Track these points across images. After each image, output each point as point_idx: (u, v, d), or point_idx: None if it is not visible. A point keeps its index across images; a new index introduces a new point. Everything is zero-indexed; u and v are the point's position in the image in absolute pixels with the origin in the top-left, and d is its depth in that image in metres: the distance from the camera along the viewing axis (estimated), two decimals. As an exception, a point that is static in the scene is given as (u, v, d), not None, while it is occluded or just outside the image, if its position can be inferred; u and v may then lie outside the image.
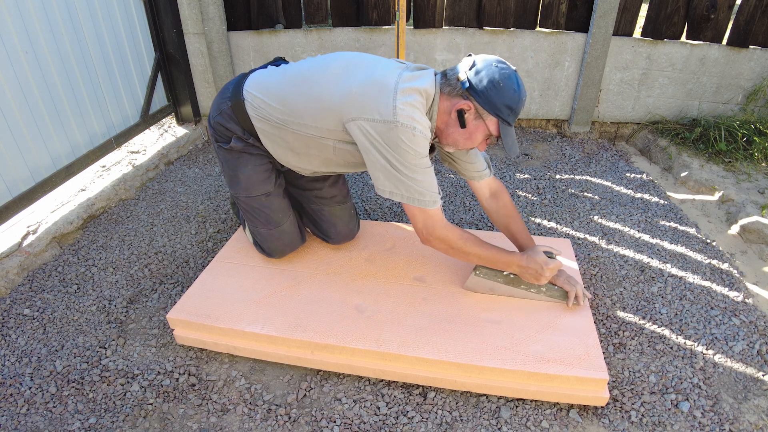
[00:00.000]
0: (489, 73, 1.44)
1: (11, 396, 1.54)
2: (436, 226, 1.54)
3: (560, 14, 3.05)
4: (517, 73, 1.48)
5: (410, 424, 1.45)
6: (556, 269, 1.60)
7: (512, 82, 1.44)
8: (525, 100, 1.49)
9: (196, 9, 3.01)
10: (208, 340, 1.66)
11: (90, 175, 2.67)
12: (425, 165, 1.49)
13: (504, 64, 1.47)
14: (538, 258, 1.59)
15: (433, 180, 1.52)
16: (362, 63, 1.56)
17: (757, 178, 2.66)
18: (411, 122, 1.42)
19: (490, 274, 1.70)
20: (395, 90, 1.44)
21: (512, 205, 1.81)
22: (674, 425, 1.44)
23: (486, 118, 1.48)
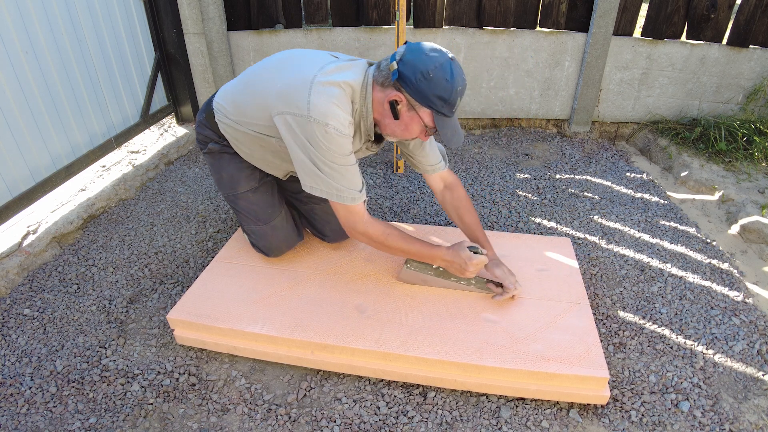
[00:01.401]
0: (418, 63, 1.37)
1: (11, 396, 1.54)
2: (357, 221, 1.56)
3: (560, 14, 3.05)
4: (454, 62, 1.39)
5: (410, 423, 1.45)
6: (481, 264, 1.62)
7: (444, 71, 1.36)
8: (462, 90, 1.41)
9: (196, 9, 3.01)
10: (208, 341, 1.66)
11: (90, 175, 2.67)
12: (342, 161, 1.47)
13: (437, 52, 1.39)
14: (462, 253, 1.61)
15: (352, 176, 1.51)
16: (295, 58, 1.57)
17: (757, 177, 2.66)
18: (323, 118, 1.40)
19: (420, 267, 1.75)
20: (311, 84, 1.44)
21: (466, 198, 1.81)
22: (674, 425, 1.44)
23: (419, 109, 1.43)
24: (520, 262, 1.91)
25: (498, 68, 3.22)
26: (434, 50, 1.39)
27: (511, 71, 3.23)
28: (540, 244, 2.03)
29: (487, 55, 3.18)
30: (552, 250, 1.99)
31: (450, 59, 1.39)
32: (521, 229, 2.32)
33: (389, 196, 2.60)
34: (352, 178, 1.51)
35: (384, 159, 3.02)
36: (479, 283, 1.74)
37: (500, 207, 2.51)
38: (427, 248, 1.64)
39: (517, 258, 1.93)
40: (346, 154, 1.48)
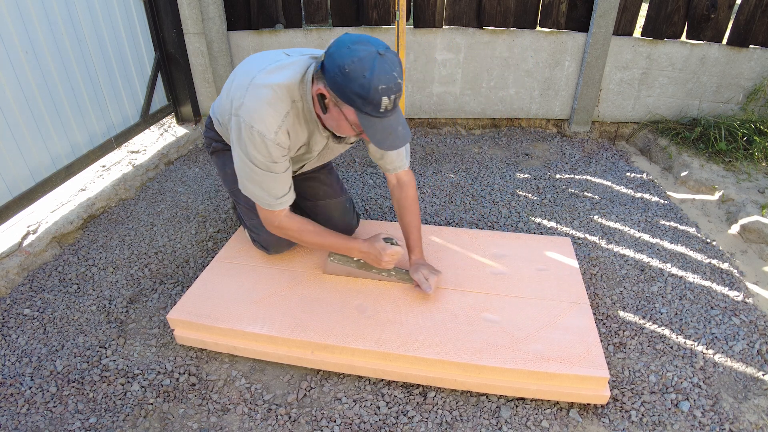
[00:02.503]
0: (337, 56, 1.28)
1: (11, 396, 1.54)
2: (273, 219, 1.62)
3: (560, 14, 3.05)
4: (383, 57, 1.26)
5: (410, 423, 1.45)
6: (396, 254, 1.67)
7: (363, 66, 1.24)
8: (388, 89, 1.26)
9: (196, 9, 3.01)
10: (208, 341, 1.66)
11: (90, 174, 2.67)
12: (264, 166, 1.47)
13: (363, 45, 1.27)
14: (376, 244, 1.66)
15: (273, 182, 1.52)
16: (253, 60, 1.58)
17: (757, 177, 2.66)
18: (250, 120, 1.42)
19: (343, 259, 1.80)
20: (248, 86, 1.45)
21: (413, 198, 1.78)
22: (674, 425, 1.44)
23: (341, 105, 1.35)
24: (520, 262, 1.91)
25: (498, 68, 3.22)
26: (361, 42, 1.28)
27: (511, 71, 3.23)
28: (540, 243, 2.03)
29: (487, 55, 3.18)
30: (552, 249, 1.99)
31: (376, 54, 1.26)
32: (521, 229, 2.32)
33: (389, 196, 2.60)
34: (272, 185, 1.52)
35: (384, 159, 3.02)
36: (399, 273, 1.79)
37: (500, 207, 2.51)
38: (343, 241, 1.69)
39: (517, 258, 1.93)
40: (272, 159, 1.47)
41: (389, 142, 1.35)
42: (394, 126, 1.34)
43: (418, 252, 1.79)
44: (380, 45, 1.29)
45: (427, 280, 1.70)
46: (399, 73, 1.29)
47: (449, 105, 3.36)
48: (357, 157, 3.04)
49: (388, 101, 1.28)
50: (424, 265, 1.75)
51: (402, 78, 1.32)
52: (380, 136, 1.34)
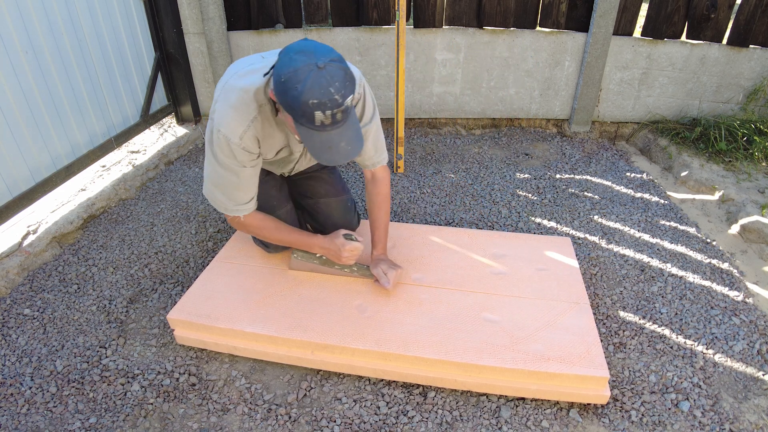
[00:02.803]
0: (280, 64, 1.25)
1: (11, 396, 1.54)
2: (234, 219, 1.65)
3: (560, 14, 3.05)
4: (320, 70, 1.20)
5: (410, 423, 1.45)
6: (355, 250, 1.71)
7: (297, 78, 1.20)
8: (320, 104, 1.20)
9: (196, 9, 3.01)
10: (208, 341, 1.66)
11: (90, 174, 2.67)
12: (226, 169, 1.47)
13: (303, 55, 1.22)
14: (336, 240, 1.70)
15: (236, 188, 1.52)
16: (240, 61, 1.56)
17: (757, 177, 2.66)
18: (218, 124, 1.43)
19: (306, 256, 1.83)
20: (221, 89, 1.47)
21: (384, 195, 1.78)
22: (674, 425, 1.44)
23: (282, 113, 1.35)
24: (520, 261, 1.91)
25: (498, 68, 3.22)
26: (304, 52, 1.23)
27: (511, 71, 3.23)
28: (540, 243, 2.03)
29: (487, 55, 3.18)
30: (552, 249, 1.99)
31: (314, 66, 1.20)
32: (521, 229, 2.32)
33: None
34: (234, 191, 1.53)
35: (384, 159, 3.02)
36: (361, 269, 1.82)
37: (500, 207, 2.51)
38: (304, 237, 1.73)
39: (517, 258, 1.93)
40: (238, 164, 1.47)
41: (327, 157, 1.31)
42: (335, 141, 1.29)
43: (380, 248, 1.81)
44: (324, 56, 1.22)
45: (385, 274, 1.73)
46: (339, 88, 1.21)
47: (449, 105, 3.36)
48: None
49: (323, 116, 1.22)
50: (384, 261, 1.78)
51: (347, 93, 1.24)
52: (317, 149, 1.30)
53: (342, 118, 1.26)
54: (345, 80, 1.23)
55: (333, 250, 1.72)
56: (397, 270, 1.75)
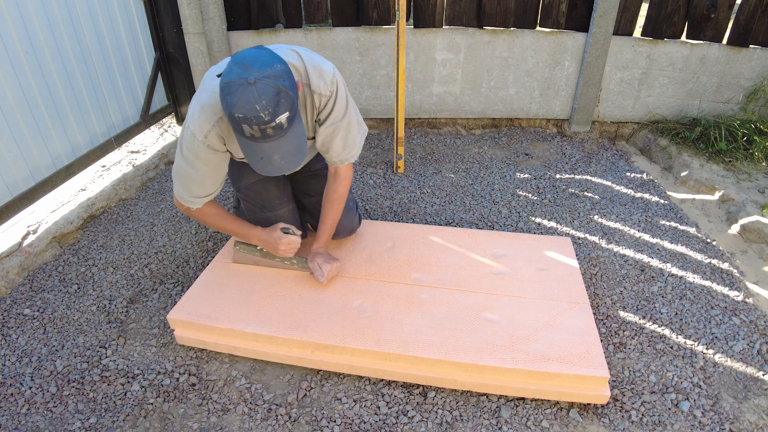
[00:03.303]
0: (224, 71, 1.27)
1: (12, 396, 1.54)
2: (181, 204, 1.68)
3: (560, 14, 3.05)
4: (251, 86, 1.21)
5: (410, 423, 1.45)
6: (291, 244, 1.75)
7: (228, 90, 1.23)
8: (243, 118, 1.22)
9: (196, 9, 3.00)
10: (208, 341, 1.66)
11: (90, 174, 2.67)
12: (190, 162, 1.52)
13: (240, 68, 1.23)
14: (273, 233, 1.75)
15: (193, 181, 1.57)
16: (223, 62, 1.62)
17: (757, 177, 2.66)
18: (188, 119, 1.49)
19: (248, 248, 1.87)
20: (199, 88, 1.53)
21: (339, 194, 1.77)
22: (674, 425, 1.44)
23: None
24: (520, 261, 1.91)
25: (498, 68, 3.22)
26: (243, 65, 1.24)
27: (511, 71, 3.23)
28: (540, 243, 2.03)
29: (487, 54, 3.18)
30: (552, 249, 1.99)
31: (245, 81, 1.21)
32: (521, 229, 2.32)
33: (389, 196, 2.60)
34: (191, 183, 1.57)
35: (384, 159, 3.02)
36: (300, 262, 1.86)
37: (500, 207, 2.51)
38: (244, 228, 1.77)
39: (517, 258, 1.93)
40: (198, 159, 1.50)
41: (260, 166, 1.35)
42: (267, 153, 1.31)
43: (321, 242, 1.83)
44: (260, 71, 1.23)
45: (320, 268, 1.76)
46: (266, 106, 1.22)
47: (449, 105, 3.36)
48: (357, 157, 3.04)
49: (251, 129, 1.25)
50: (321, 254, 1.80)
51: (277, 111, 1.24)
52: (250, 157, 1.34)
53: (274, 133, 1.27)
54: (276, 98, 1.23)
55: (270, 243, 1.76)
56: (332, 264, 1.78)
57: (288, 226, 1.79)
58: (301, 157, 1.37)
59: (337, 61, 3.20)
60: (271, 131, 1.26)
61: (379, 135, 3.36)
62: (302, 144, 1.36)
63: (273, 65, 1.25)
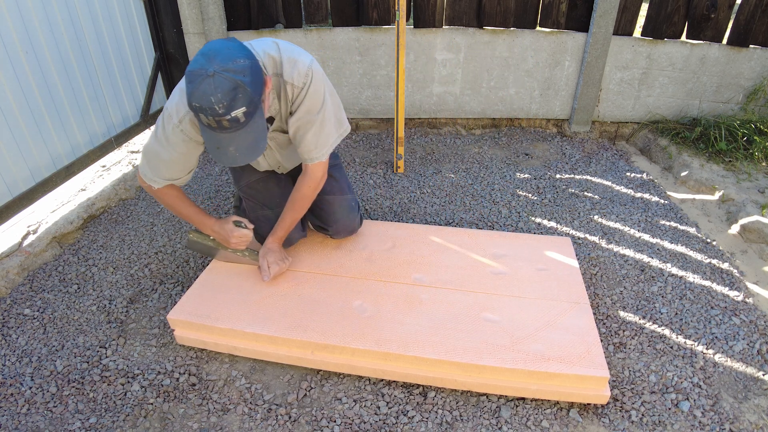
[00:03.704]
0: (191, 62, 1.30)
1: (12, 396, 1.54)
2: (144, 182, 1.69)
3: (560, 14, 3.05)
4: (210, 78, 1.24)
5: (410, 423, 1.45)
6: (243, 237, 1.78)
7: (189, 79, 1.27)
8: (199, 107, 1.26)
9: (196, 8, 3.00)
10: (208, 341, 1.66)
11: (90, 174, 2.67)
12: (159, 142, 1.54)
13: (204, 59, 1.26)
14: (226, 226, 1.77)
15: (159, 161, 1.58)
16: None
17: (757, 177, 2.66)
18: (169, 102, 1.53)
19: (201, 236, 1.88)
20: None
21: (302, 194, 1.74)
22: (674, 425, 1.44)
23: None
24: (520, 262, 1.91)
25: (498, 68, 3.22)
26: (207, 56, 1.27)
27: (511, 71, 3.23)
28: (540, 243, 2.03)
29: (487, 54, 3.18)
30: (552, 249, 1.99)
31: (205, 73, 1.24)
32: (521, 229, 2.32)
33: (389, 196, 2.60)
34: (157, 162, 1.59)
35: (384, 159, 3.02)
36: (252, 254, 1.88)
37: (500, 207, 2.51)
38: (199, 215, 1.78)
39: (517, 258, 1.93)
40: (167, 141, 1.53)
41: (215, 155, 1.38)
42: (223, 144, 1.35)
43: (274, 238, 1.83)
44: (221, 64, 1.25)
45: (269, 268, 1.77)
46: (221, 99, 1.24)
47: (449, 105, 3.36)
48: (357, 157, 3.04)
49: (206, 119, 1.29)
50: (274, 252, 1.81)
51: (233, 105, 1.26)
52: (208, 144, 1.38)
53: (230, 126, 1.30)
54: (232, 92, 1.25)
55: (222, 235, 1.78)
56: (280, 265, 1.80)
57: (241, 220, 1.80)
58: (258, 152, 1.40)
59: (337, 61, 3.20)
60: (226, 123, 1.29)
61: (379, 135, 3.36)
62: (260, 139, 1.39)
63: (236, 59, 1.27)
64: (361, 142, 3.25)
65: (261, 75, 1.34)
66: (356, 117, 3.42)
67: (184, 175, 1.65)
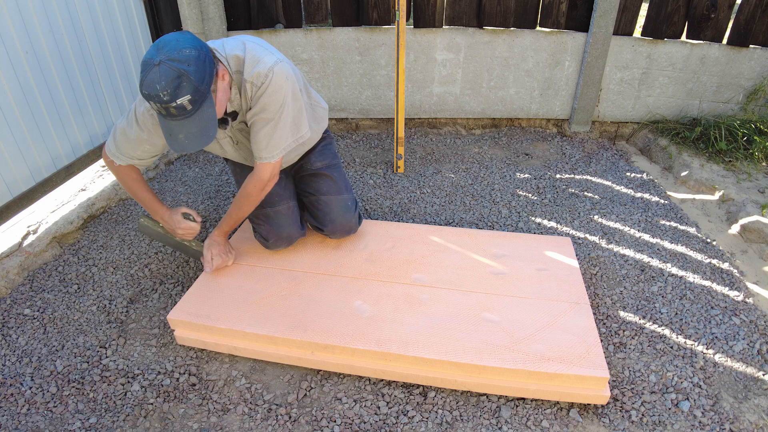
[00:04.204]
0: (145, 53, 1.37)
1: (12, 396, 1.54)
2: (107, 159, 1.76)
3: (560, 14, 3.05)
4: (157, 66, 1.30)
5: (410, 423, 1.45)
6: (189, 229, 1.84)
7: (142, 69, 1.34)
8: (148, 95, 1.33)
9: (196, 9, 3.00)
10: (208, 341, 1.66)
11: (90, 174, 2.67)
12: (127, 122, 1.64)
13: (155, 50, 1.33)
14: (175, 217, 1.83)
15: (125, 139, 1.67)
16: None
17: (757, 177, 2.66)
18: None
19: (151, 222, 1.93)
20: None
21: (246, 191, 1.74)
22: (674, 425, 1.44)
23: None
24: (520, 262, 1.91)
25: (498, 68, 3.22)
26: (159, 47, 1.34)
27: (511, 71, 3.23)
28: (540, 243, 2.03)
29: (487, 54, 3.18)
30: (552, 249, 1.99)
31: (153, 63, 1.31)
32: (521, 229, 2.32)
33: (389, 196, 2.60)
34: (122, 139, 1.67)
35: (384, 159, 3.02)
36: (198, 245, 1.94)
37: (500, 207, 2.51)
38: (152, 203, 1.83)
39: (517, 258, 1.93)
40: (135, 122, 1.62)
41: (169, 142, 1.44)
42: (174, 131, 1.41)
43: (219, 231, 1.88)
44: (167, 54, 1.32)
45: (212, 259, 1.84)
46: (165, 87, 1.30)
47: (449, 105, 3.36)
48: (357, 157, 3.04)
49: (156, 106, 1.36)
50: (217, 244, 1.87)
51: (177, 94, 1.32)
52: (163, 131, 1.45)
53: (177, 113, 1.37)
54: (176, 81, 1.32)
55: (170, 225, 1.84)
56: (225, 257, 1.86)
57: (189, 212, 1.85)
58: (207, 140, 1.43)
59: (337, 61, 3.20)
60: (174, 111, 1.36)
61: (379, 135, 3.36)
62: (209, 128, 1.43)
63: (182, 50, 1.34)
64: (361, 142, 3.25)
65: (209, 66, 1.39)
66: (356, 117, 3.42)
67: (146, 157, 1.73)
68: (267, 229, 1.89)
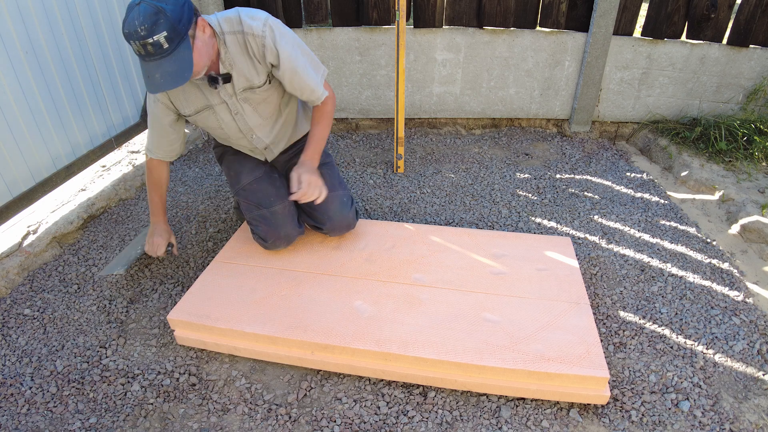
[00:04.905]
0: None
1: (12, 396, 1.54)
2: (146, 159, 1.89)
3: (560, 13, 3.05)
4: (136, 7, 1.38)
5: (410, 423, 1.45)
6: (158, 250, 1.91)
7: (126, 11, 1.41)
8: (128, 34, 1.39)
9: (196, 9, 3.00)
10: (208, 341, 1.66)
11: (90, 175, 2.67)
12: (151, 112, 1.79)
13: None
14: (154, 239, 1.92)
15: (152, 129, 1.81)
16: None
17: (757, 177, 2.66)
18: None
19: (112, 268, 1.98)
20: None
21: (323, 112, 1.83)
22: (674, 425, 1.44)
23: None
24: (520, 261, 1.91)
25: (498, 68, 3.22)
26: None
27: (511, 71, 3.23)
28: (540, 243, 2.03)
29: (487, 54, 3.18)
30: (552, 249, 1.99)
31: (134, 4, 1.39)
32: (521, 229, 2.32)
33: (389, 196, 2.61)
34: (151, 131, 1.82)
35: (384, 159, 3.02)
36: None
37: (500, 207, 2.51)
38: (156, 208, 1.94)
39: (517, 258, 1.93)
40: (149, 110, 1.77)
41: (147, 85, 1.49)
42: (152, 72, 1.45)
43: (307, 154, 1.81)
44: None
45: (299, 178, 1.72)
46: (142, 22, 1.36)
47: (449, 105, 3.36)
48: (357, 157, 3.04)
49: (135, 45, 1.41)
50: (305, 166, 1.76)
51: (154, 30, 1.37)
52: (143, 74, 1.49)
53: (154, 51, 1.40)
54: (153, 17, 1.37)
55: (151, 233, 1.94)
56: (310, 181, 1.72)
57: (174, 247, 2.00)
58: (182, 80, 1.46)
59: (337, 61, 3.20)
60: (150, 48, 1.40)
61: (379, 135, 3.36)
62: (185, 69, 1.46)
63: None
64: (361, 142, 3.25)
65: (187, 10, 1.44)
66: (356, 117, 3.42)
67: (164, 146, 1.83)
68: (265, 229, 1.89)
